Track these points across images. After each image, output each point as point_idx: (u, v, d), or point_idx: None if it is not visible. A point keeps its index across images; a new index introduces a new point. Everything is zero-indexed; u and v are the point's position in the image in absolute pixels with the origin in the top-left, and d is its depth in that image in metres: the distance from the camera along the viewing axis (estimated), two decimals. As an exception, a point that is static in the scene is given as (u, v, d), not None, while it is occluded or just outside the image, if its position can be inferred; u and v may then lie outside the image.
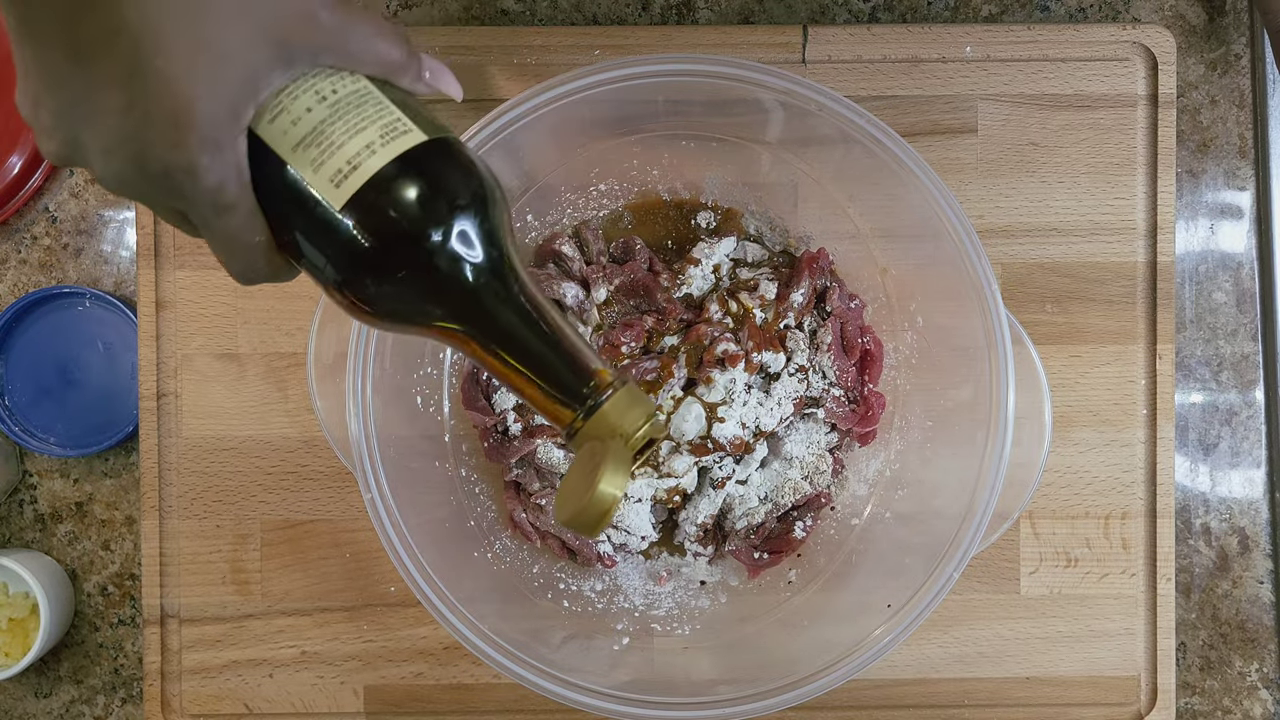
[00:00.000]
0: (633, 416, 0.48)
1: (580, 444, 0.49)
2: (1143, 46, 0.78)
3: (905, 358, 0.77)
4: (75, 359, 0.81)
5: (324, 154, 0.45)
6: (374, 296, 0.47)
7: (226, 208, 0.46)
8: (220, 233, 0.47)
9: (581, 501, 0.47)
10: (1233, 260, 0.82)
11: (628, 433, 0.48)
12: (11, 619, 0.78)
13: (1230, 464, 0.82)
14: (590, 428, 0.48)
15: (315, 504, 0.78)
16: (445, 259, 0.46)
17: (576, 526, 0.48)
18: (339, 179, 0.45)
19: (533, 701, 0.77)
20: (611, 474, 0.47)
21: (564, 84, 0.65)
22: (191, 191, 0.45)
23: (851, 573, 0.76)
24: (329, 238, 0.46)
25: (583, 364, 0.49)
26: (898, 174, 0.67)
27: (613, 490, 0.47)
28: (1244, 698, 0.82)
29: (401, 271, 0.46)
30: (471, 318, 0.48)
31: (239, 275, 0.49)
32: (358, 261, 0.46)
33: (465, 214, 0.47)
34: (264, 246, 0.48)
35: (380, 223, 0.46)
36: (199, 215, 0.46)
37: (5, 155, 0.80)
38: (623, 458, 0.48)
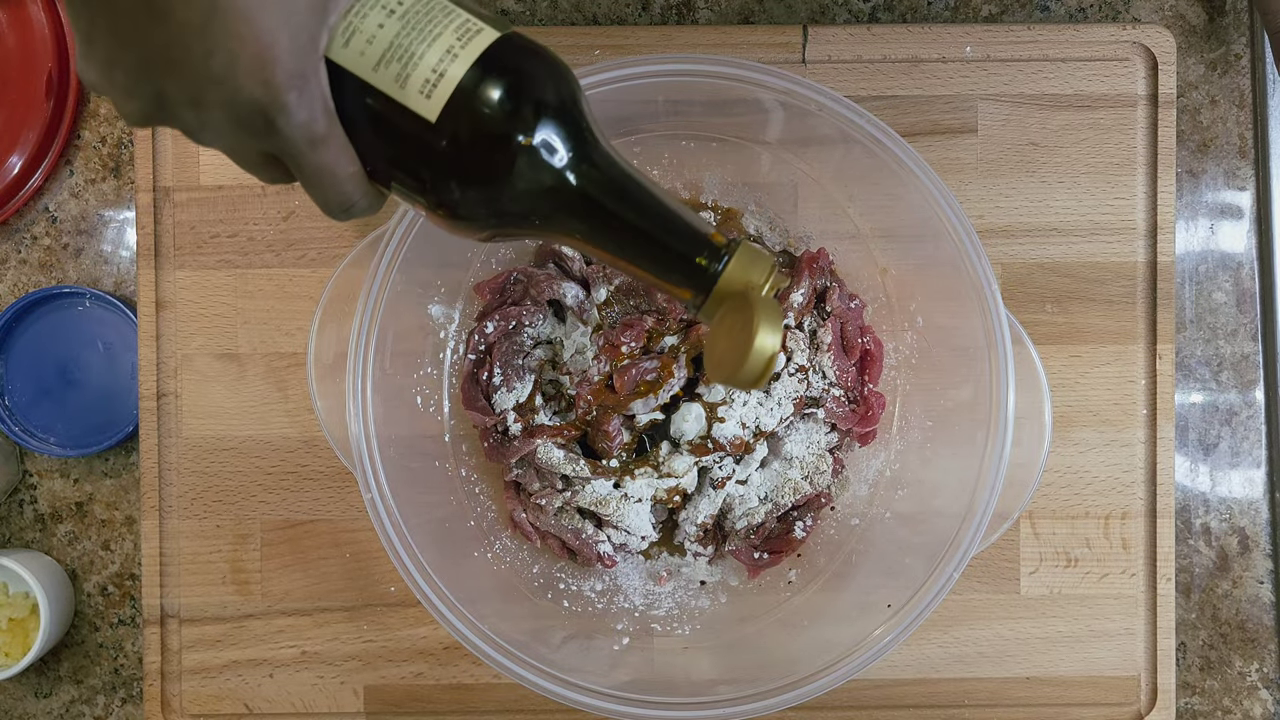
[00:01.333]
0: (759, 268, 0.49)
1: (714, 308, 0.49)
2: (1143, 46, 0.78)
3: (905, 358, 0.77)
4: (75, 359, 0.81)
5: (407, 67, 0.45)
6: (484, 202, 0.47)
7: (319, 141, 0.45)
8: (314, 168, 0.47)
9: (744, 355, 0.47)
10: (1233, 260, 0.82)
11: (758, 284, 0.48)
12: (11, 619, 0.78)
13: (1230, 464, 0.82)
14: (724, 286, 0.48)
15: (315, 504, 0.78)
16: (549, 151, 0.46)
17: (741, 381, 0.48)
18: (428, 89, 0.45)
19: (533, 701, 0.77)
20: (766, 324, 0.47)
21: (564, 84, 0.65)
22: (285, 127, 0.44)
23: (851, 573, 0.76)
24: (429, 151, 0.46)
25: (696, 233, 0.49)
26: (898, 174, 0.67)
27: (772, 340, 0.47)
28: (1244, 698, 0.82)
29: (510, 172, 0.46)
30: (585, 209, 0.48)
31: (335, 209, 0.49)
32: (464, 169, 0.46)
33: (555, 105, 0.47)
34: (358, 175, 0.48)
35: (480, 125, 0.45)
36: (291, 153, 0.46)
37: (5, 155, 0.80)
38: (772, 305, 0.48)
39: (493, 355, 0.75)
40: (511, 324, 0.76)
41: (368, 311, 0.67)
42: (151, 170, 0.78)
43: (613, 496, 0.74)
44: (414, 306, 0.75)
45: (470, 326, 0.77)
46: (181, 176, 0.78)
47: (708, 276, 0.48)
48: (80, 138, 0.82)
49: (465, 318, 0.77)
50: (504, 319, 0.75)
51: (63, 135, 0.81)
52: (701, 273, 0.48)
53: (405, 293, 0.70)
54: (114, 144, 0.82)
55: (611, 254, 0.49)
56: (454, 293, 0.77)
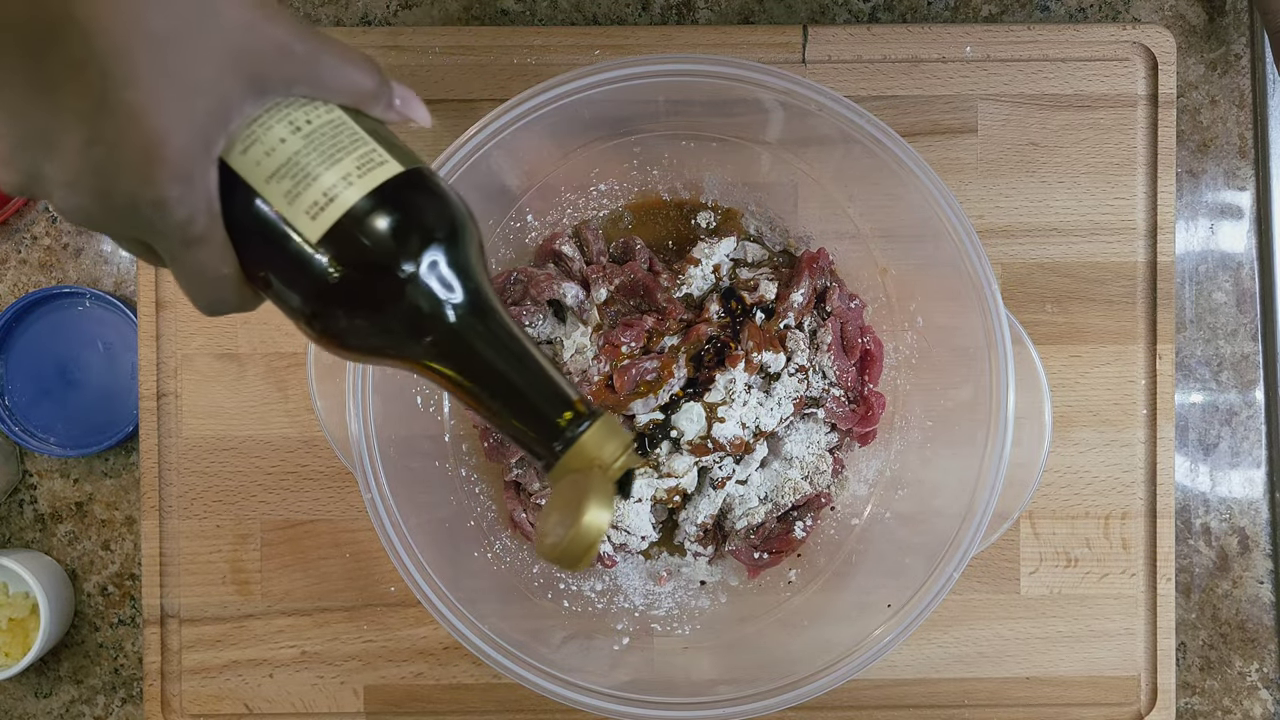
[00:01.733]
0: (611, 447, 0.48)
1: (559, 476, 0.48)
2: (1143, 46, 0.78)
3: (905, 358, 0.77)
4: (75, 359, 0.81)
5: (299, 186, 0.44)
6: (348, 330, 0.46)
7: (196, 240, 0.44)
8: (188, 265, 0.45)
9: (567, 534, 0.46)
10: (1233, 260, 0.82)
11: (606, 463, 0.47)
12: (11, 619, 0.78)
13: (1230, 464, 0.82)
14: (569, 460, 0.47)
15: (315, 504, 0.78)
16: (423, 293, 0.45)
17: (561, 560, 0.47)
18: (315, 211, 0.44)
19: (533, 701, 0.77)
20: (596, 505, 0.46)
21: (564, 84, 0.65)
22: (161, 224, 0.43)
23: (851, 573, 0.76)
24: (304, 270, 0.45)
25: (558, 395, 0.48)
26: (898, 174, 0.67)
27: (598, 522, 0.46)
28: (1244, 698, 0.82)
29: (378, 305, 0.45)
30: (447, 353, 0.47)
31: (205, 307, 0.48)
32: (334, 294, 0.45)
33: (443, 247, 0.46)
34: (233, 278, 0.46)
35: (358, 256, 0.45)
36: (166, 248, 0.45)
37: (5, 155, 0.80)
38: (606, 489, 0.47)
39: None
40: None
41: (368, 311, 0.67)
42: (151, 170, 0.78)
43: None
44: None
45: (470, 326, 0.77)
46: (181, 176, 0.78)
47: (564, 439, 0.47)
48: (80, 138, 0.82)
49: (465, 318, 0.77)
50: (504, 319, 0.75)
51: (63, 135, 0.81)
52: (559, 433, 0.47)
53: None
54: (114, 144, 0.81)
55: (479, 402, 0.48)
56: (454, 293, 0.76)
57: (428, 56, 0.78)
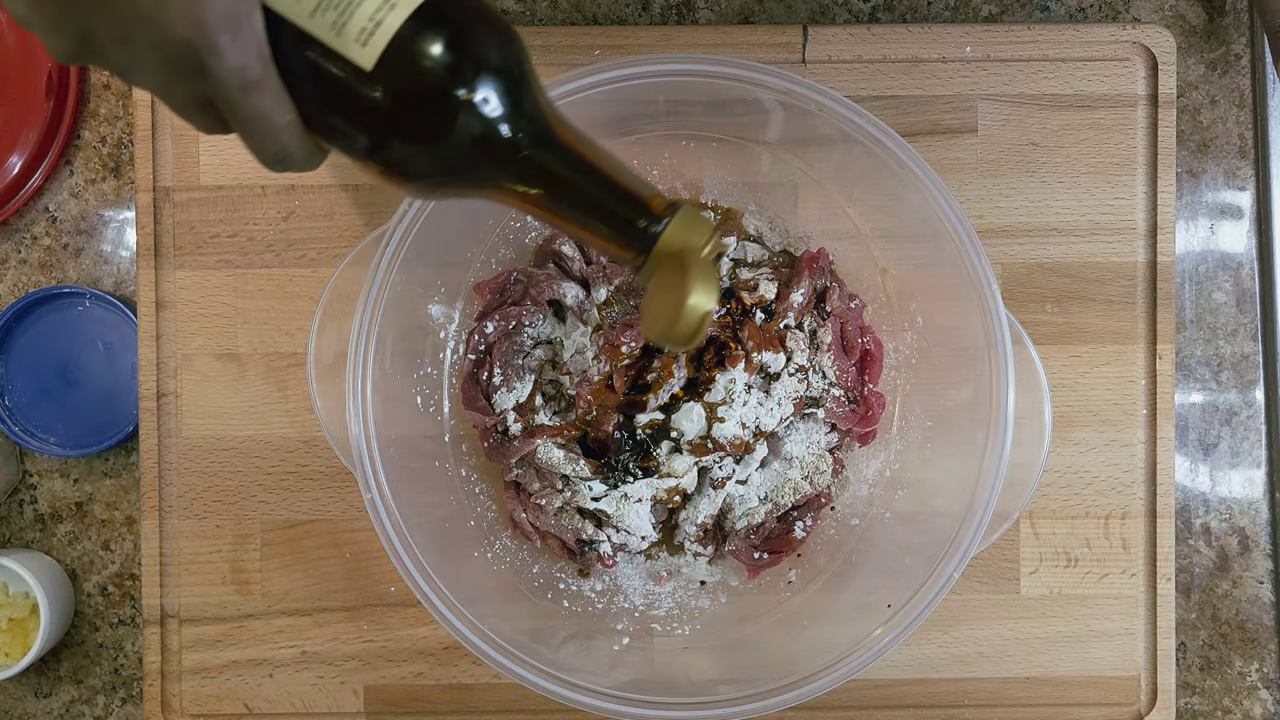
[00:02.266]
0: (698, 232, 0.49)
1: (652, 270, 0.49)
2: (1143, 46, 0.78)
3: (905, 358, 0.77)
4: (75, 359, 0.81)
5: (343, 15, 0.44)
6: (417, 158, 0.46)
7: (252, 86, 0.44)
8: (248, 115, 0.45)
9: (676, 315, 0.48)
10: (1233, 260, 0.82)
11: (696, 248, 0.48)
12: (11, 619, 0.78)
13: (1230, 464, 0.82)
14: (662, 248, 0.48)
15: (315, 504, 0.78)
16: (488, 107, 0.45)
17: (674, 338, 0.49)
18: (364, 38, 0.44)
19: (533, 701, 0.77)
20: (701, 285, 0.48)
21: (564, 84, 0.65)
22: (217, 70, 0.43)
23: (851, 573, 0.76)
24: (363, 101, 0.45)
25: (638, 192, 0.48)
26: (898, 174, 0.67)
27: (705, 301, 0.48)
28: (1244, 698, 0.82)
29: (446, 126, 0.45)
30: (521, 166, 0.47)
31: (271, 160, 0.48)
32: (399, 122, 0.45)
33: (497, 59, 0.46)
34: (294, 125, 0.47)
35: (416, 76, 0.44)
36: (225, 98, 0.45)
37: (5, 155, 0.80)
38: (707, 268, 0.48)
39: (493, 355, 0.75)
40: (511, 324, 0.76)
41: (368, 311, 0.67)
42: (151, 170, 0.78)
43: (613, 496, 0.74)
44: (414, 306, 0.75)
45: (470, 326, 0.77)
46: (181, 176, 0.78)
47: (647, 237, 0.48)
48: (80, 138, 0.82)
49: (465, 318, 0.77)
50: (504, 319, 0.75)
51: (63, 135, 0.81)
52: (641, 233, 0.48)
53: (405, 293, 0.70)
54: (114, 144, 0.82)
55: (552, 213, 0.49)
56: (454, 293, 0.77)
57: (428, 56, 0.78)
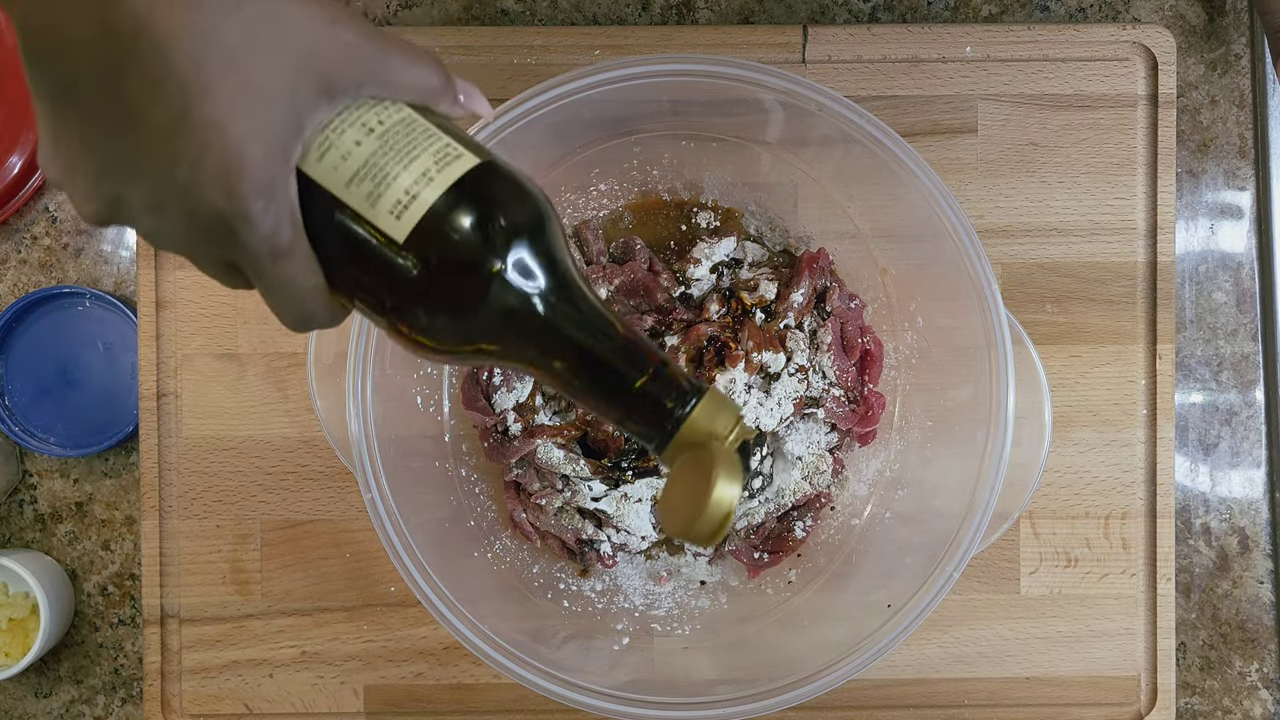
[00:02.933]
0: (724, 420, 0.47)
1: (674, 455, 0.48)
2: (1143, 46, 0.78)
3: (905, 358, 0.77)
4: (75, 359, 0.81)
5: (380, 187, 0.44)
6: (444, 329, 0.46)
7: (282, 253, 0.44)
8: (275, 280, 0.45)
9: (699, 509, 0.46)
10: (1233, 260, 0.82)
11: (721, 436, 0.47)
12: (11, 619, 0.78)
13: (1230, 464, 0.82)
14: (682, 438, 0.47)
15: (315, 504, 0.78)
16: (515, 287, 0.45)
17: (694, 536, 0.46)
18: (399, 210, 0.44)
19: (533, 701, 0.77)
20: (725, 478, 0.46)
21: (564, 84, 0.65)
22: (247, 238, 0.43)
23: (851, 573, 0.76)
24: (392, 274, 0.44)
25: (663, 377, 0.47)
26: (898, 174, 0.67)
27: (730, 494, 0.46)
28: (1244, 698, 0.82)
29: (471, 303, 0.45)
30: (549, 344, 0.46)
31: (295, 323, 0.47)
32: (427, 294, 0.45)
33: (530, 235, 0.45)
34: (320, 289, 0.46)
35: (447, 252, 0.44)
36: (252, 264, 0.44)
37: (5, 155, 0.80)
38: (733, 459, 0.46)
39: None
40: (511, 324, 0.75)
41: (368, 311, 0.67)
42: (151, 170, 0.78)
43: (613, 496, 0.74)
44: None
45: (470, 326, 0.77)
46: (181, 176, 0.78)
47: (673, 419, 0.47)
48: (80, 138, 0.82)
49: (465, 318, 0.77)
50: (504, 319, 0.75)
51: (63, 135, 0.81)
52: (667, 414, 0.47)
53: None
54: (114, 144, 0.81)
55: (575, 391, 0.48)
56: (454, 293, 0.76)
57: (428, 56, 0.78)
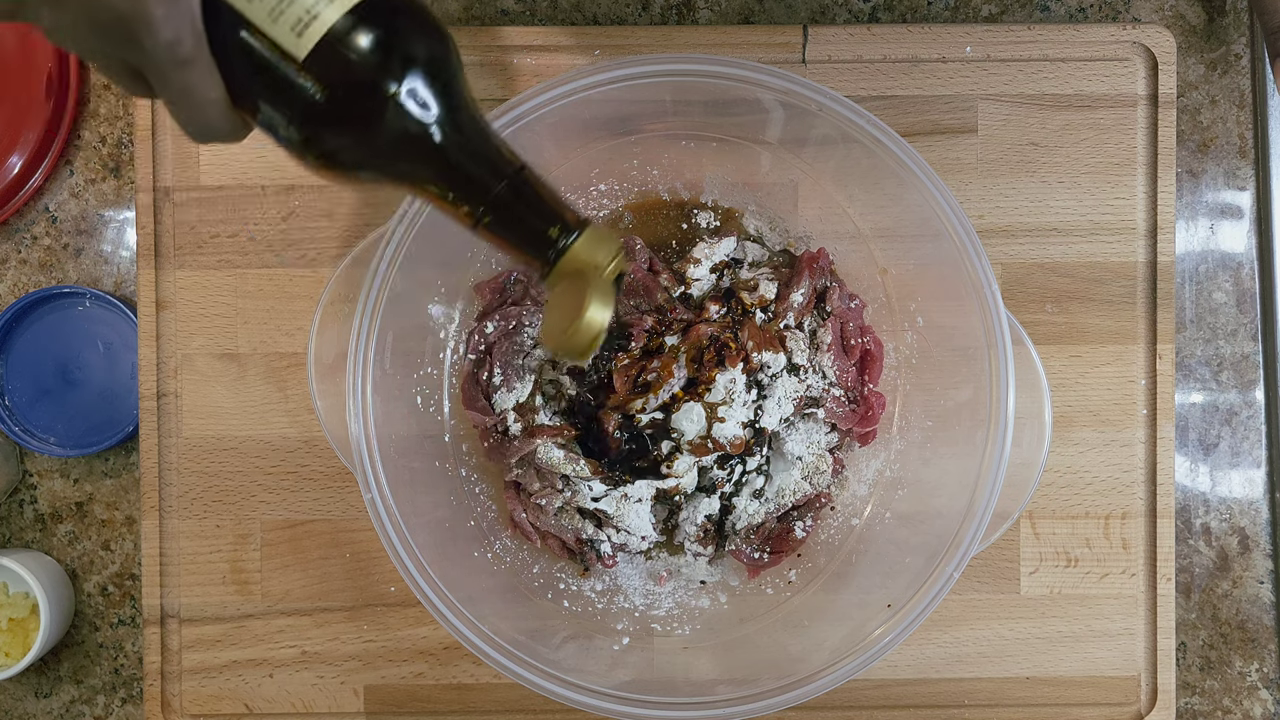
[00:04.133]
0: (603, 250, 0.51)
1: (555, 280, 0.51)
2: (1143, 46, 0.78)
3: (905, 358, 0.77)
4: (75, 359, 0.81)
5: (282, 3, 0.45)
6: (335, 149, 0.47)
7: (183, 62, 0.45)
8: (177, 89, 0.46)
9: (570, 327, 0.50)
10: (1233, 260, 0.82)
11: (601, 265, 0.51)
12: (11, 619, 0.78)
13: (1230, 464, 0.82)
14: (565, 264, 0.51)
15: (315, 504, 0.78)
16: (410, 109, 0.47)
17: (566, 350, 0.51)
18: (300, 28, 0.45)
19: (533, 701, 0.77)
20: (597, 301, 0.50)
21: (564, 84, 0.65)
22: (148, 43, 0.44)
23: (851, 573, 0.76)
24: (292, 90, 0.46)
25: (549, 208, 0.50)
26: (898, 174, 0.67)
27: (599, 316, 0.50)
28: (1244, 698, 0.82)
29: (367, 122, 0.46)
30: (437, 170, 0.48)
31: (195, 133, 0.49)
32: (322, 113, 0.46)
33: (426, 63, 0.47)
34: (221, 102, 0.47)
35: (344, 73, 0.46)
36: (154, 70, 0.45)
37: (5, 155, 0.80)
38: (605, 286, 0.51)
39: (493, 355, 0.75)
40: (511, 324, 0.76)
41: (368, 311, 0.67)
42: (151, 170, 0.78)
43: (613, 496, 0.74)
44: (414, 306, 0.75)
45: (470, 326, 0.77)
46: (181, 176, 0.78)
47: (556, 248, 0.51)
48: (80, 138, 0.82)
49: (465, 318, 0.77)
50: (504, 319, 0.75)
51: (63, 135, 0.81)
52: (550, 243, 0.50)
53: (405, 293, 0.70)
54: (114, 144, 0.82)
55: (468, 216, 0.50)
56: (454, 293, 0.77)
57: (428, 56, 0.78)
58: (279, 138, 0.48)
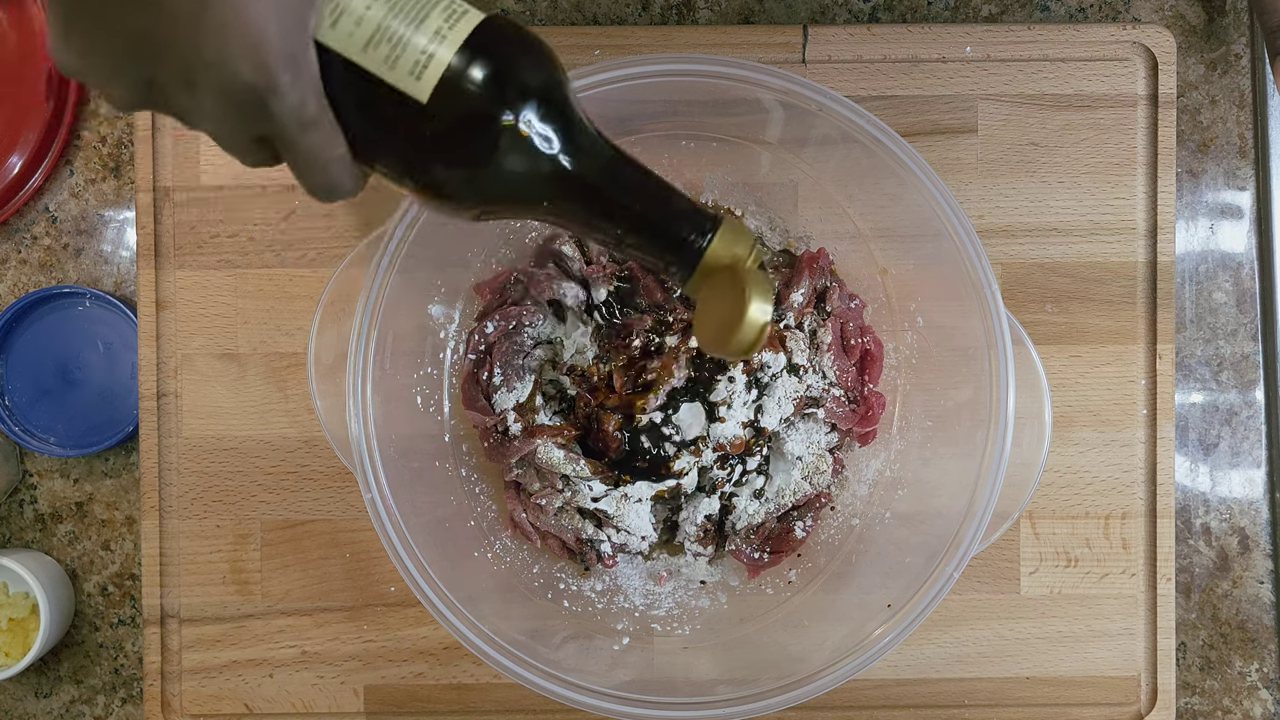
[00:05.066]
0: (743, 243, 0.50)
1: (700, 282, 0.50)
2: (1143, 46, 0.78)
3: (905, 358, 0.77)
4: (75, 359, 0.81)
5: (396, 49, 0.45)
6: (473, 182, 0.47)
7: (310, 123, 0.46)
8: (305, 150, 0.47)
9: (737, 325, 0.49)
10: (1233, 260, 0.82)
11: (743, 257, 0.50)
12: (11, 619, 0.78)
13: (1230, 464, 0.82)
14: (709, 260, 0.50)
15: (315, 504, 0.78)
16: (539, 132, 0.47)
17: (734, 350, 0.50)
18: (418, 70, 0.45)
19: (533, 701, 0.77)
20: (758, 294, 0.49)
21: (564, 84, 0.65)
22: (276, 109, 0.45)
23: (851, 573, 0.76)
24: (419, 132, 0.46)
25: (681, 207, 0.50)
26: (898, 174, 0.67)
27: (764, 308, 0.49)
28: (1244, 698, 0.82)
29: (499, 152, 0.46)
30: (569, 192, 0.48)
31: (323, 192, 0.49)
32: (455, 150, 0.46)
33: (544, 85, 0.47)
34: (345, 159, 0.48)
35: (471, 106, 0.46)
36: (283, 136, 0.46)
37: (5, 155, 0.80)
38: (761, 277, 0.50)
39: (493, 355, 0.75)
40: (511, 324, 0.76)
41: (368, 311, 0.67)
42: (151, 170, 0.78)
43: (613, 496, 0.74)
44: (414, 306, 0.75)
45: (470, 326, 0.77)
46: (181, 176, 0.78)
47: (694, 251, 0.50)
48: (80, 138, 0.82)
49: (465, 318, 0.77)
50: (504, 319, 0.75)
51: (63, 135, 0.81)
52: (689, 246, 0.50)
53: (405, 293, 0.70)
54: (114, 144, 0.82)
55: (602, 233, 0.50)
56: (454, 293, 0.77)
57: (428, 56, 0.78)
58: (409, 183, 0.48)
